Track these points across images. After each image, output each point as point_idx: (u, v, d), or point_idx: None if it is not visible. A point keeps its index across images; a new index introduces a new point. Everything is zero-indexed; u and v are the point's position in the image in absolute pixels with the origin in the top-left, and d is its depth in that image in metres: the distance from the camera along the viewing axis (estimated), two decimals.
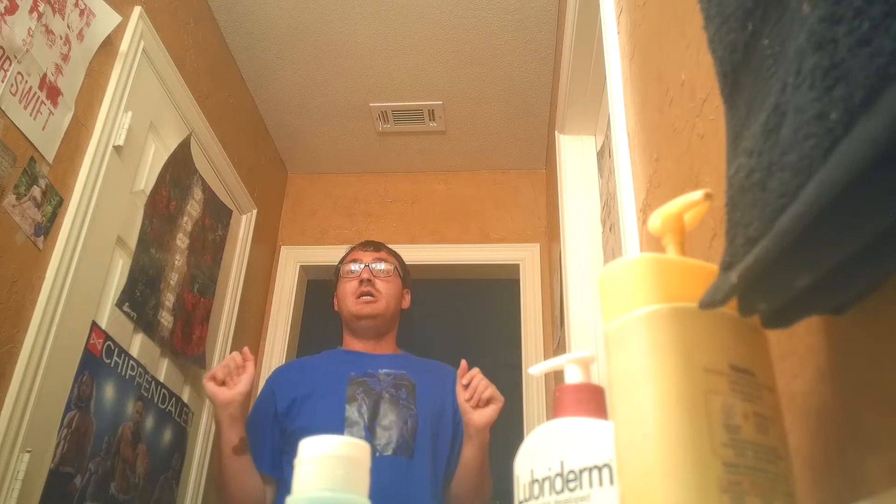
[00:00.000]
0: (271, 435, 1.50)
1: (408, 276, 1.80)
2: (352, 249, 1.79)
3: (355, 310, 1.63)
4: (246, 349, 1.46)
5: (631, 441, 0.34)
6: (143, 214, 1.94)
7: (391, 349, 1.68)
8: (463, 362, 1.44)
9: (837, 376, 0.41)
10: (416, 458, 1.43)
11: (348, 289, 1.66)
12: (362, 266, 1.68)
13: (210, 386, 1.40)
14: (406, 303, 1.76)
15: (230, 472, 1.41)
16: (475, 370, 1.43)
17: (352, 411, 1.46)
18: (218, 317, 2.44)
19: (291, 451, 1.41)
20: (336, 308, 1.73)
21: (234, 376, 1.41)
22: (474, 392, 1.39)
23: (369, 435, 1.43)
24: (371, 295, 1.63)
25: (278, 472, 1.47)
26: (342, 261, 1.77)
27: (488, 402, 1.39)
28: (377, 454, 1.40)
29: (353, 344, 1.66)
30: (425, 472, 1.43)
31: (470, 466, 1.46)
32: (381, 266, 1.70)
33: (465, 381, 1.41)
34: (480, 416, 1.39)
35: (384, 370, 1.56)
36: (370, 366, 1.57)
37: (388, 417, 1.47)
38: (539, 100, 2.73)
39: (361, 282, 1.64)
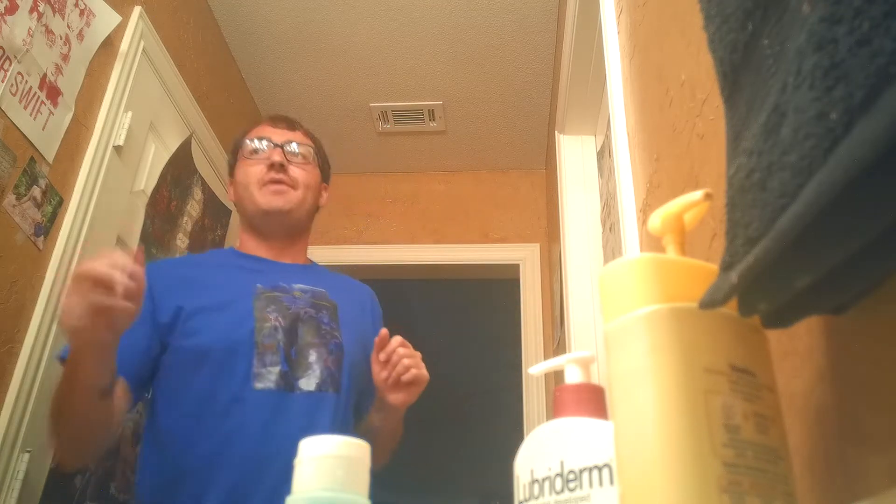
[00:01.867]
0: (144, 336, 1.11)
1: (327, 166, 1.42)
2: (257, 125, 1.39)
3: (263, 202, 1.25)
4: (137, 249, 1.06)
5: (631, 441, 0.34)
6: (146, 215, 1.94)
7: (302, 258, 1.35)
8: (383, 331, 1.15)
9: (837, 376, 0.41)
10: (343, 393, 1.17)
11: (252, 174, 1.27)
12: (272, 146, 1.29)
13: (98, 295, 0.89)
14: (324, 199, 1.38)
15: (84, 419, 1.02)
16: (396, 340, 1.13)
17: (263, 334, 1.14)
18: None
19: (176, 373, 1.15)
20: (232, 198, 1.35)
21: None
22: (393, 370, 1.12)
23: (286, 365, 1.13)
24: (283, 183, 1.26)
25: (140, 393, 1.15)
26: (243, 135, 1.36)
27: (410, 383, 1.12)
28: (296, 389, 1.12)
29: (253, 247, 1.30)
30: (350, 410, 1.19)
31: (383, 437, 1.19)
32: (296, 148, 1.31)
33: (382, 357, 1.13)
34: (397, 399, 1.13)
35: (299, 285, 1.25)
36: (281, 278, 1.25)
37: (310, 344, 1.17)
38: (539, 100, 2.73)
39: (272, 166, 1.26)
